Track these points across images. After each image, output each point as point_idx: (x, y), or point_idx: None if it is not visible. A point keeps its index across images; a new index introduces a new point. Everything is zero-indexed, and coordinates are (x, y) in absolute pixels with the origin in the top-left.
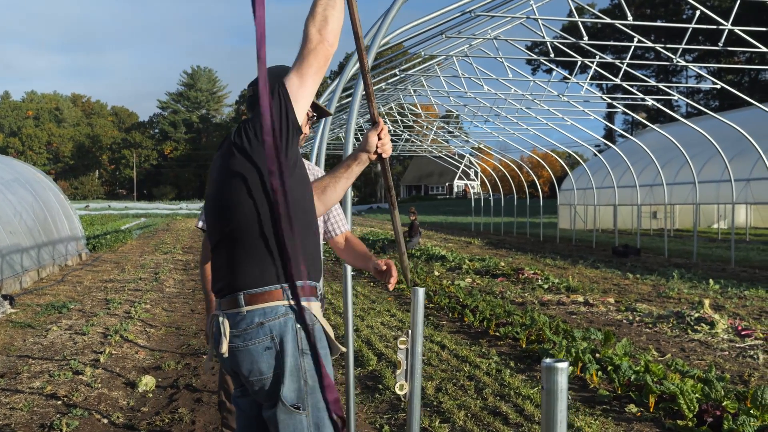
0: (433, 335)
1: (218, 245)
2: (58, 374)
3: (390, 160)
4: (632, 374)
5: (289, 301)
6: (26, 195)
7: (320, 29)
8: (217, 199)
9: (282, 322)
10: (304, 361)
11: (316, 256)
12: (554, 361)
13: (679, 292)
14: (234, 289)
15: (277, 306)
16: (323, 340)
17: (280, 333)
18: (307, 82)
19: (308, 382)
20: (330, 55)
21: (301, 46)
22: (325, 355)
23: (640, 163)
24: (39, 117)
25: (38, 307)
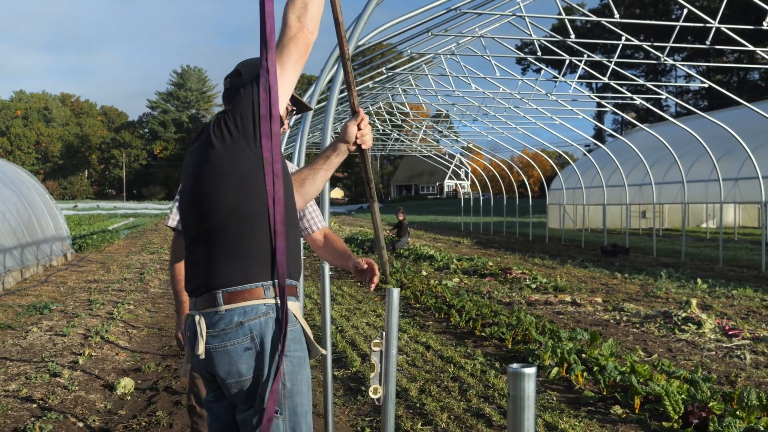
0: (419, 336)
1: (194, 241)
2: (35, 377)
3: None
4: (618, 375)
5: (270, 300)
6: (10, 194)
7: (300, 16)
8: (194, 193)
9: (263, 321)
10: (284, 362)
11: (297, 255)
12: (521, 366)
13: (667, 291)
14: (211, 287)
15: (258, 305)
16: (302, 341)
17: (261, 333)
18: (287, 70)
19: (287, 385)
20: (310, 43)
21: (280, 35)
22: (303, 357)
23: (629, 163)
24: (28, 116)
25: (20, 308)
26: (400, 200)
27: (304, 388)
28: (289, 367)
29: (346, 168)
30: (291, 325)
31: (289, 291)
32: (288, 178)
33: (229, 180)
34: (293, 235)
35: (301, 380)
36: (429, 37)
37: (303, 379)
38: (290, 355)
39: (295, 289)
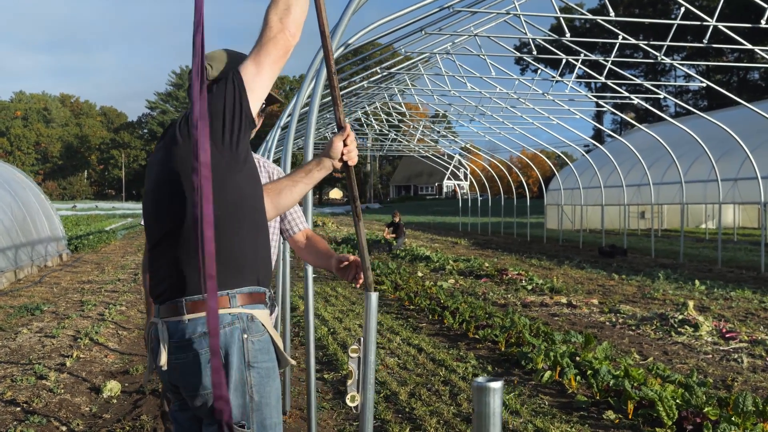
0: (411, 338)
1: (157, 245)
2: (20, 379)
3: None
4: (611, 379)
5: (236, 309)
6: (4, 195)
7: (282, 17)
8: (156, 194)
9: (228, 332)
10: (250, 375)
11: (267, 260)
12: (487, 380)
13: (664, 293)
14: (174, 295)
15: (223, 315)
16: (271, 352)
17: (226, 344)
18: (263, 70)
19: (254, 397)
20: (290, 46)
21: (260, 34)
22: (272, 368)
23: (627, 163)
24: (27, 117)
25: (11, 308)
26: (398, 200)
27: (273, 401)
28: (256, 379)
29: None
30: (258, 334)
31: (258, 299)
32: (259, 181)
33: (186, 183)
34: (263, 239)
35: (270, 392)
36: (423, 36)
37: (272, 391)
38: (258, 366)
39: (264, 297)
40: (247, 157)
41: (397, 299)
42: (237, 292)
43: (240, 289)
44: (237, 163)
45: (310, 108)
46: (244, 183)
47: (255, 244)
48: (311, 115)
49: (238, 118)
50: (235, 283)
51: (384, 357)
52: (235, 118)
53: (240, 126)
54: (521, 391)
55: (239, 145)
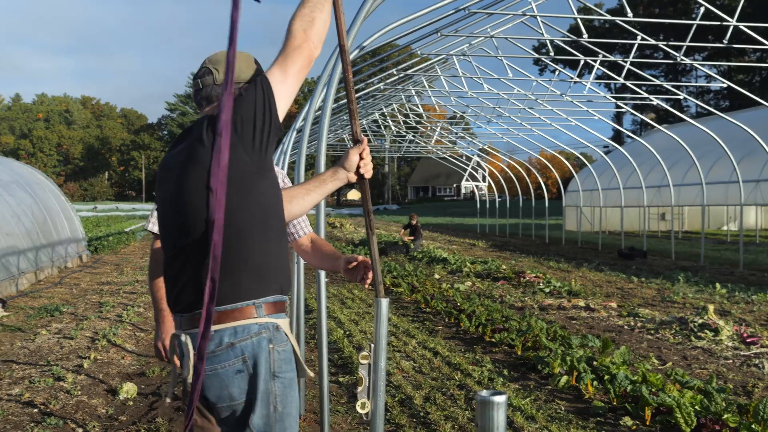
0: (427, 341)
1: (178, 255)
2: (38, 380)
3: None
4: (628, 385)
5: (263, 319)
6: (25, 197)
7: (306, 29)
8: (178, 201)
9: (255, 342)
10: (274, 385)
11: (287, 268)
12: (490, 393)
13: (684, 296)
14: (199, 306)
15: (250, 324)
16: (293, 362)
17: (254, 354)
18: (289, 79)
19: (278, 407)
20: (313, 57)
21: (284, 44)
22: (293, 378)
23: (646, 165)
24: (49, 119)
25: (31, 309)
26: (416, 202)
27: (293, 411)
28: (280, 389)
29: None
30: (283, 344)
31: (281, 307)
32: (279, 190)
33: None
34: (284, 247)
35: (291, 402)
36: (439, 38)
37: (293, 401)
38: (281, 376)
39: (285, 305)
40: (272, 164)
41: (413, 302)
42: (263, 301)
43: (265, 298)
44: (264, 169)
45: (321, 118)
46: (269, 189)
47: (278, 252)
48: (322, 124)
49: (267, 124)
50: (261, 292)
51: (399, 360)
52: (265, 124)
53: (269, 132)
54: (537, 396)
55: (267, 151)
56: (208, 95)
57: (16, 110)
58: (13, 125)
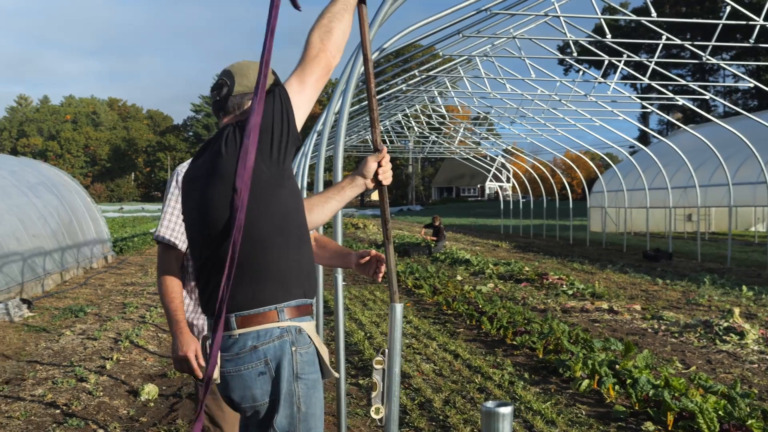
0: (448, 344)
1: (206, 263)
2: (61, 381)
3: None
4: (651, 389)
5: (285, 323)
6: (52, 198)
7: (323, 38)
8: (203, 211)
9: (277, 345)
10: (298, 386)
11: (312, 272)
12: (496, 404)
13: (709, 299)
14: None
15: (272, 328)
16: (316, 363)
17: (276, 357)
18: (307, 89)
19: (302, 408)
20: (332, 66)
21: (302, 53)
22: (317, 379)
23: (672, 165)
24: (77, 121)
25: (56, 310)
26: (440, 202)
27: (318, 411)
28: (303, 390)
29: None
30: (306, 346)
31: (305, 311)
32: (300, 197)
33: None
34: (306, 252)
35: (315, 403)
36: (461, 38)
37: (317, 401)
38: (305, 377)
39: (311, 308)
40: (291, 173)
41: (435, 303)
42: (285, 305)
43: (288, 302)
44: (282, 179)
45: (338, 123)
46: (288, 198)
47: (300, 258)
48: (339, 129)
49: (285, 134)
50: (283, 297)
51: (419, 363)
52: (283, 134)
53: (287, 142)
54: (558, 400)
55: (285, 161)
56: (224, 106)
57: (45, 112)
58: (41, 127)
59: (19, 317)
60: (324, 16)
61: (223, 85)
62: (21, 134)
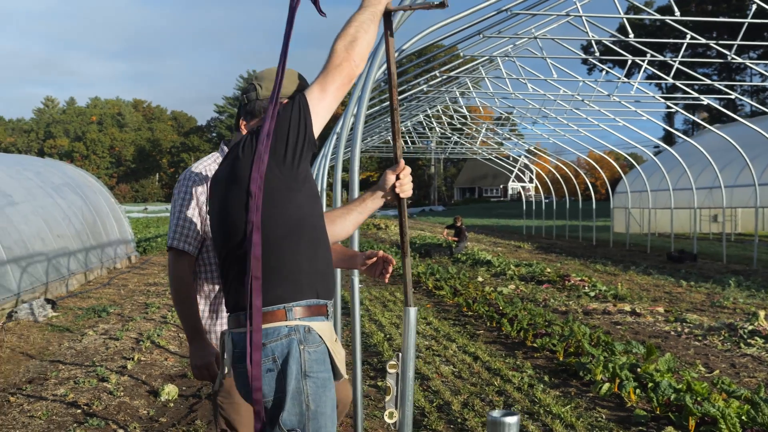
0: (467, 345)
1: (224, 262)
2: (83, 381)
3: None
4: (672, 393)
5: (293, 322)
6: (76, 199)
7: (347, 47)
8: (222, 213)
9: (284, 343)
10: (306, 384)
11: (327, 274)
12: (502, 413)
13: (734, 301)
14: (237, 308)
15: (280, 327)
16: (327, 363)
17: (283, 354)
18: (327, 97)
19: (310, 406)
20: (354, 75)
21: (326, 61)
22: (328, 378)
23: (697, 165)
24: (102, 122)
25: (80, 310)
26: (462, 203)
27: (328, 410)
28: (312, 388)
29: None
30: (315, 345)
31: (318, 311)
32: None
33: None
34: (322, 254)
35: (326, 401)
36: (482, 39)
37: (327, 400)
38: (314, 376)
39: (325, 309)
40: (307, 177)
41: (455, 305)
42: (294, 305)
43: (297, 302)
44: (296, 182)
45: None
46: (304, 202)
47: (314, 260)
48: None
49: (301, 141)
50: (292, 297)
51: (439, 365)
52: (299, 141)
53: (302, 148)
54: (578, 404)
55: (300, 166)
56: (251, 110)
57: (71, 113)
58: (67, 128)
59: (44, 317)
60: (350, 25)
61: (251, 89)
62: (48, 135)
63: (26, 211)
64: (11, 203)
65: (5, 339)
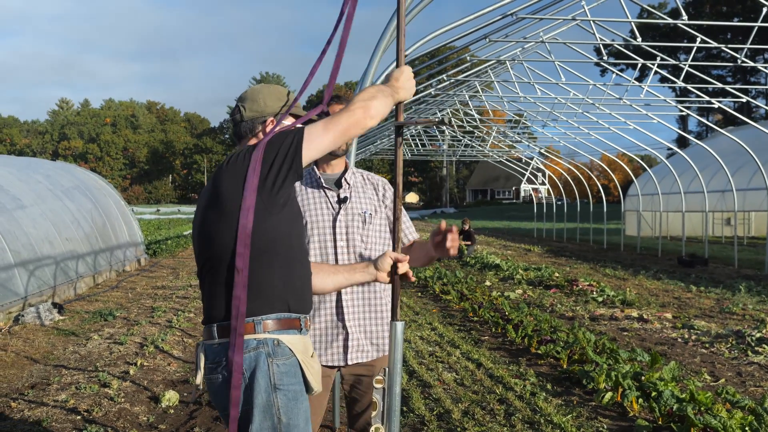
0: (471, 352)
1: (200, 273)
2: (85, 386)
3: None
4: (675, 403)
5: (261, 335)
6: (85, 202)
7: (367, 100)
8: (200, 226)
9: (252, 356)
10: (276, 397)
11: (303, 289)
12: None
13: (744, 307)
14: (209, 320)
15: (248, 340)
16: (298, 375)
17: (250, 367)
18: (328, 135)
19: (282, 419)
20: (365, 125)
21: (342, 108)
22: (299, 390)
23: (710, 169)
24: (116, 124)
25: (86, 314)
26: (474, 205)
27: (301, 422)
28: (283, 401)
29: (421, 172)
30: (284, 358)
31: (288, 324)
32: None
33: (226, 217)
34: (298, 271)
35: (298, 414)
36: (488, 43)
37: (300, 413)
38: (284, 388)
39: (297, 322)
40: (288, 200)
41: (461, 310)
42: (263, 318)
43: (267, 315)
44: (275, 206)
45: None
46: (280, 223)
47: (288, 277)
48: None
49: (285, 170)
50: (261, 311)
51: (441, 372)
52: (282, 170)
53: (285, 177)
54: (579, 413)
55: (279, 192)
56: (238, 132)
57: (85, 115)
58: (82, 130)
59: (50, 321)
60: (374, 87)
61: (236, 111)
62: (62, 137)
63: (35, 214)
64: (20, 206)
65: (11, 343)
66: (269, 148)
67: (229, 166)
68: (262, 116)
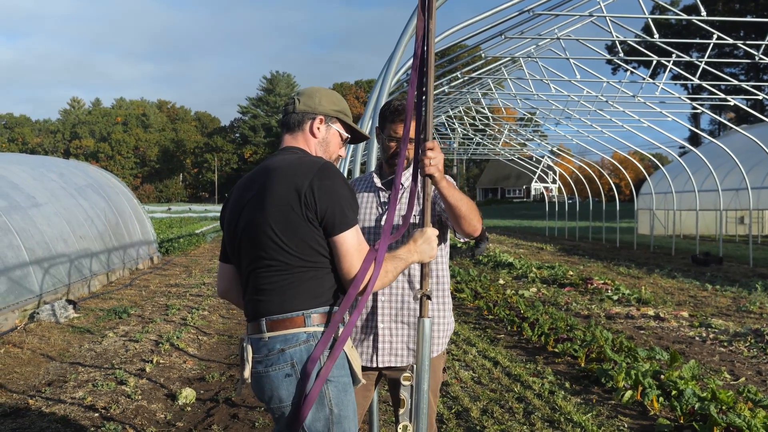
0: (487, 350)
1: (247, 269)
2: (102, 384)
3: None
4: (696, 402)
5: (311, 328)
6: (99, 200)
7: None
8: (250, 222)
9: (303, 349)
10: (328, 389)
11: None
12: None
13: (761, 306)
14: (257, 315)
15: (298, 333)
16: (346, 367)
17: (301, 360)
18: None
19: (334, 410)
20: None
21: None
22: (348, 382)
23: (724, 167)
24: (127, 123)
25: (101, 311)
26: (485, 203)
27: (350, 414)
28: (334, 392)
29: None
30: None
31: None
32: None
33: (283, 214)
34: None
35: (347, 405)
36: (503, 40)
37: (349, 404)
38: (334, 380)
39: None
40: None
41: (476, 308)
42: (313, 312)
43: (315, 309)
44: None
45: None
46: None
47: (335, 272)
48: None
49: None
50: (310, 305)
51: (458, 370)
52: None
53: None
54: (599, 411)
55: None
56: (287, 122)
57: (96, 114)
58: (93, 129)
59: (65, 318)
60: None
61: (290, 102)
62: (74, 136)
63: (49, 212)
64: (35, 204)
65: (26, 340)
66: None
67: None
68: (313, 113)
